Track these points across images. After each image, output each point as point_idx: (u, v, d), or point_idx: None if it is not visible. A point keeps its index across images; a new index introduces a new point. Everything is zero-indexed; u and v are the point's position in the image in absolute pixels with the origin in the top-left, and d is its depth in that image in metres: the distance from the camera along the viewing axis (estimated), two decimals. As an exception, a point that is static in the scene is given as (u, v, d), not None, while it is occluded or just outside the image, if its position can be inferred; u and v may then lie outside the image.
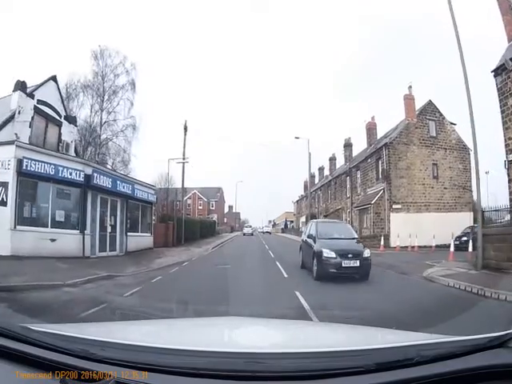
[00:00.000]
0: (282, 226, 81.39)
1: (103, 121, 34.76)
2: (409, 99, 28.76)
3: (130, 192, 18.20)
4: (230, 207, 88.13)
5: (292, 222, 77.15)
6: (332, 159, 50.53)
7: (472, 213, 26.95)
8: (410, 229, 24.08)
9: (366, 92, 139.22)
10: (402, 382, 1.29)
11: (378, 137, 34.88)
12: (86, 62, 43.95)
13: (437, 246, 22.20)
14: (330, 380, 1.30)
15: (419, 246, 22.55)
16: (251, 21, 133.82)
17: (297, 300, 7.37)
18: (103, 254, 16.20)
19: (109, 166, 29.77)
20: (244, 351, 1.53)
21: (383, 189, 26.60)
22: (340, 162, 48.33)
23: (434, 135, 28.83)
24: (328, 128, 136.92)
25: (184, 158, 24.92)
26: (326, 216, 42.14)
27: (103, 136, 35.01)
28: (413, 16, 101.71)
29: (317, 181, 56.21)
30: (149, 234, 21.93)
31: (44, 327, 1.70)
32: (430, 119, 29.01)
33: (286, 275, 11.56)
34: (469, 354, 1.40)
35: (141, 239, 20.35)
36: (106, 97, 34.47)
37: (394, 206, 25.92)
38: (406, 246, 23.04)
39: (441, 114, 29.53)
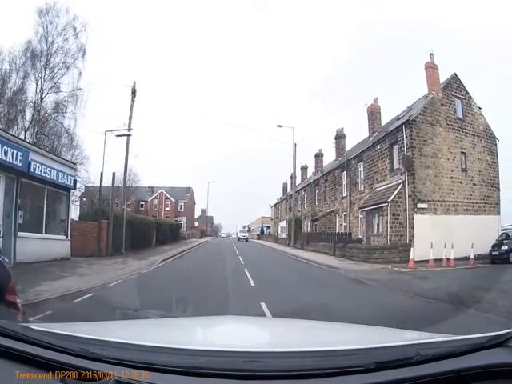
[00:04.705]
0: (258, 232, 74.59)
1: (44, 93, 27.12)
2: (431, 68, 22.12)
3: (20, 164, 10.81)
4: (203, 211, 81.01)
5: (269, 227, 70.75)
6: (318, 155, 43.87)
7: (500, 216, 22.89)
8: (438, 235, 17.96)
9: (350, 95, 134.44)
10: (402, 381, 1.25)
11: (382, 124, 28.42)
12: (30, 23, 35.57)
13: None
14: (329, 379, 1.26)
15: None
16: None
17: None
18: None
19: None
20: (244, 350, 1.44)
21: (402, 182, 19.61)
22: (327, 159, 42.03)
23: (461, 117, 22.63)
24: (308, 131, 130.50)
25: (129, 130, 17.30)
26: (314, 221, 35.07)
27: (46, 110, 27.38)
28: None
29: (299, 181, 49.18)
30: (63, 237, 14.57)
31: (44, 326, 1.65)
32: (456, 96, 22.70)
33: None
34: (468, 353, 1.36)
35: (48, 244, 13.22)
36: (49, 64, 26.93)
37: (419, 206, 18.93)
38: (440, 259, 16.87)
39: (467, 93, 23.45)
